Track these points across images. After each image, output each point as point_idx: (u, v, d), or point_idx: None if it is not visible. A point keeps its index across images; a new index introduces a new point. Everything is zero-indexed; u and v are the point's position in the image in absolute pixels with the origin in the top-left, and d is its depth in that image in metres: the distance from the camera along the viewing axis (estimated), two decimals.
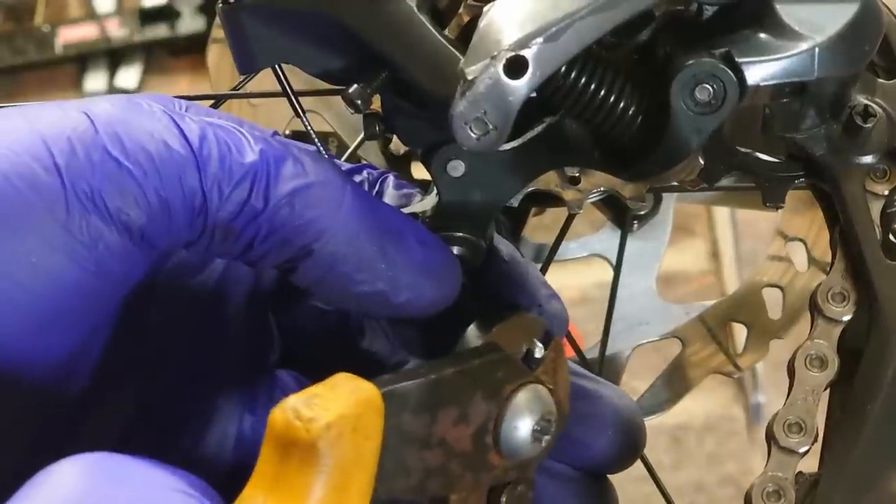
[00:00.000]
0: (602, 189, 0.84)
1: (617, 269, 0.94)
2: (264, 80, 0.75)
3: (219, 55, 0.93)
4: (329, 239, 0.56)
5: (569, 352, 0.84)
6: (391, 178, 0.64)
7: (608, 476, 0.66)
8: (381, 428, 0.51)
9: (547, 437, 0.57)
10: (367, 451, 0.50)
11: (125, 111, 0.54)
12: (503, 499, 0.58)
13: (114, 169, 0.53)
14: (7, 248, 0.52)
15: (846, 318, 0.62)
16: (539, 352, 0.58)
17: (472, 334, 0.59)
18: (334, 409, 0.49)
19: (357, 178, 0.63)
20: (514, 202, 0.83)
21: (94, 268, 0.53)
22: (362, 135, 0.80)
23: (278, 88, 0.66)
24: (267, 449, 0.49)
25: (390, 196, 0.63)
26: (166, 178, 0.53)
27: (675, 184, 0.70)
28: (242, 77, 0.79)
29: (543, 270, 0.86)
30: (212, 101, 0.76)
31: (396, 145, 0.88)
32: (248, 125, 0.64)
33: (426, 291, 0.58)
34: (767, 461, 0.62)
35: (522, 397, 0.57)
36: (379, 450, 0.51)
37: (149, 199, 0.53)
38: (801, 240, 0.96)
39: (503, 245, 0.62)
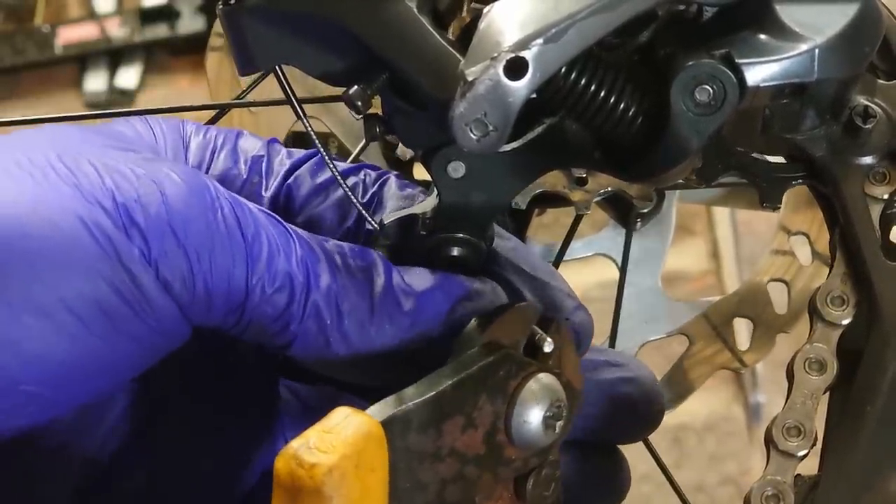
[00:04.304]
0: (609, 189, 0.84)
1: (623, 267, 0.94)
2: (264, 85, 0.75)
3: (218, 63, 0.92)
4: (356, 349, 0.57)
5: None
6: (393, 179, 0.64)
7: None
8: (385, 457, 0.52)
9: (560, 423, 0.57)
10: (373, 482, 0.51)
11: (192, 194, 0.55)
12: (529, 484, 0.58)
13: (172, 246, 0.53)
14: (67, 285, 0.52)
15: (845, 321, 0.62)
16: (548, 346, 0.58)
17: (472, 331, 0.59)
18: (335, 450, 0.50)
19: (353, 180, 0.63)
20: (522, 204, 0.83)
21: (154, 323, 0.54)
22: (364, 140, 0.80)
23: (278, 95, 0.65)
24: (277, 498, 0.50)
25: (393, 197, 0.63)
26: (216, 269, 0.54)
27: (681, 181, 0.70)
28: (242, 84, 0.79)
29: None
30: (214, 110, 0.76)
31: (403, 151, 0.88)
32: (245, 136, 0.64)
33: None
34: (766, 465, 0.62)
35: (529, 390, 0.57)
36: (386, 478, 0.52)
37: (196, 284, 0.54)
38: (804, 234, 0.96)
39: (525, 257, 0.62)
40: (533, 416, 0.57)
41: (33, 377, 0.52)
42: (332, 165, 0.62)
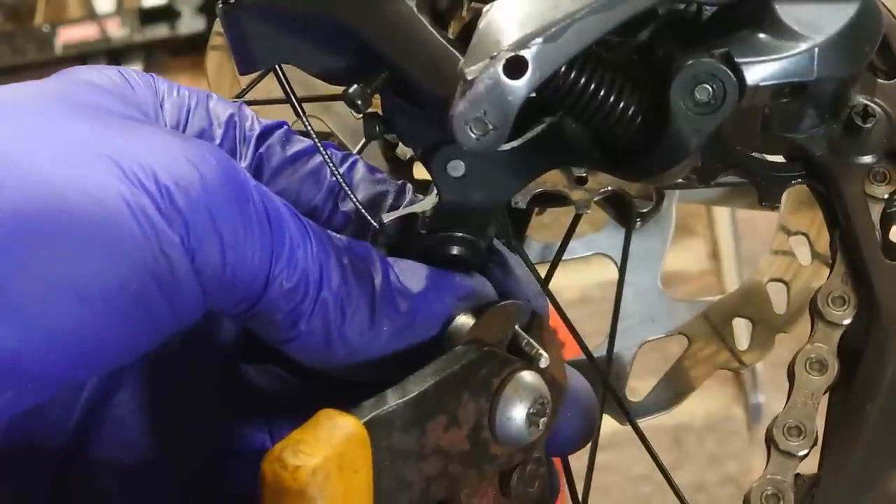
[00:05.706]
0: (609, 188, 0.84)
1: (623, 266, 0.94)
2: (264, 84, 0.75)
3: (217, 63, 0.92)
4: (352, 350, 0.57)
5: (576, 351, 0.84)
6: (361, 163, 0.63)
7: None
8: (368, 457, 0.52)
9: (543, 419, 0.58)
10: (357, 483, 0.51)
11: (227, 178, 0.53)
12: (514, 480, 0.58)
13: (209, 233, 0.52)
14: (110, 273, 0.50)
15: (846, 321, 0.62)
16: (545, 361, 0.58)
17: (456, 329, 0.59)
18: (318, 452, 0.50)
19: (319, 159, 0.62)
20: (522, 203, 0.83)
21: (179, 308, 0.52)
22: (364, 140, 0.80)
23: (277, 94, 0.65)
24: (264, 499, 0.50)
25: (363, 181, 0.63)
26: (245, 259, 0.53)
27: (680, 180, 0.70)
28: (242, 83, 0.79)
29: (552, 270, 0.86)
30: None
31: (403, 150, 0.88)
32: (215, 99, 0.63)
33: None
34: (766, 464, 0.62)
35: (511, 388, 0.57)
36: (370, 478, 0.52)
37: (225, 272, 0.52)
38: (804, 234, 0.96)
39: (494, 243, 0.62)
40: (516, 413, 0.57)
41: (59, 362, 0.50)
42: (334, 168, 0.62)
